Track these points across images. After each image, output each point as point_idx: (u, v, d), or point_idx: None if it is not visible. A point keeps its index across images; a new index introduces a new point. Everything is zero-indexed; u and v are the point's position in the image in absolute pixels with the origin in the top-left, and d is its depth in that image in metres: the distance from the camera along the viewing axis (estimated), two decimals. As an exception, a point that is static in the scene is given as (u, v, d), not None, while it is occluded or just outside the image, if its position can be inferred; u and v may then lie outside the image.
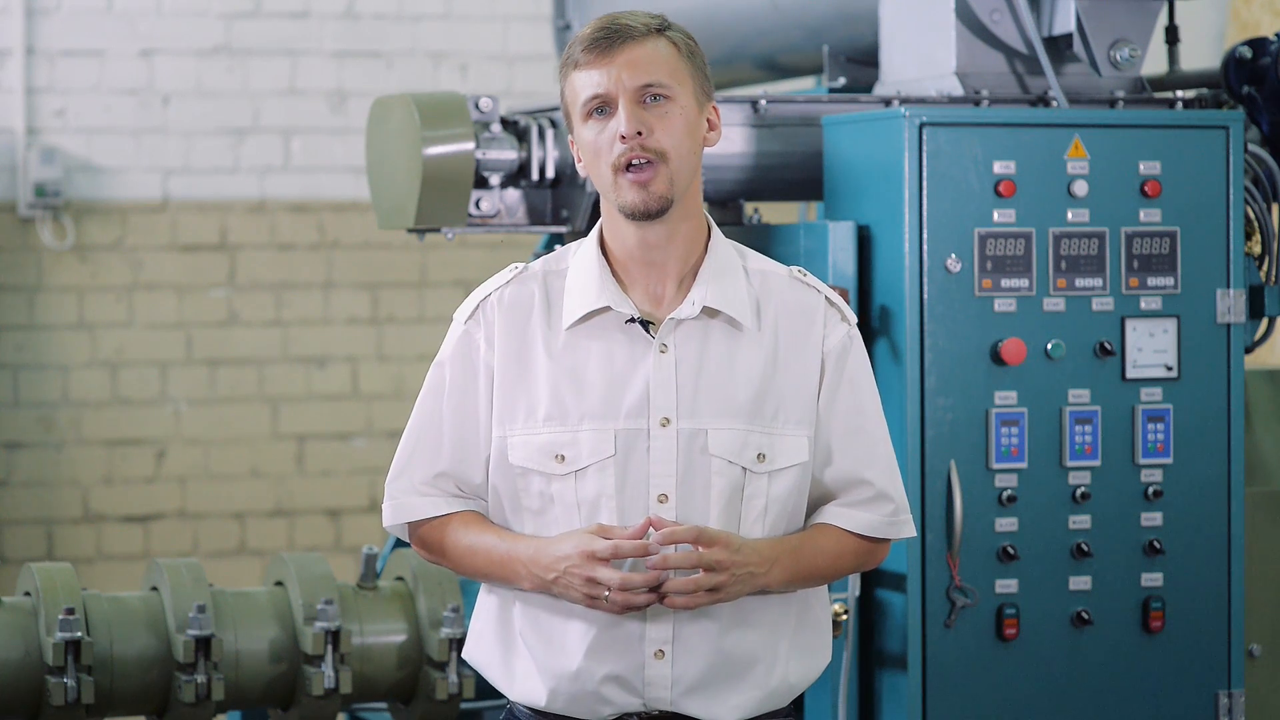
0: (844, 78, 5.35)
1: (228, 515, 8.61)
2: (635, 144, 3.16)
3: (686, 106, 3.21)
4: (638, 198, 3.18)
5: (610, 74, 3.18)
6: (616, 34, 3.19)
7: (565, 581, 3.15)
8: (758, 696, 3.25)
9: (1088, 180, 4.60)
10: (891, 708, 4.59)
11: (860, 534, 3.28)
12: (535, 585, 3.20)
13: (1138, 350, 4.64)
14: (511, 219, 5.08)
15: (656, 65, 3.19)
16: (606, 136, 3.18)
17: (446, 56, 8.85)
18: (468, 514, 3.29)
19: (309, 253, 8.70)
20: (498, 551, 3.23)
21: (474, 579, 3.33)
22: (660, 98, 3.19)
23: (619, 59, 3.19)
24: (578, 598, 3.15)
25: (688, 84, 3.22)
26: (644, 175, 3.17)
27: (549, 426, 3.22)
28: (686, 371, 3.22)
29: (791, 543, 3.23)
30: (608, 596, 3.13)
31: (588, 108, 3.20)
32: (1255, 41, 5.01)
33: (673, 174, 3.19)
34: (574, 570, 3.14)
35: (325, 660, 4.86)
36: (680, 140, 3.19)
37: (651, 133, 3.17)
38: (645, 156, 3.17)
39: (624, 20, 3.21)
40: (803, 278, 3.32)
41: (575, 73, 3.22)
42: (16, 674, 4.75)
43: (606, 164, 3.19)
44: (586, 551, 3.13)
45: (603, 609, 3.14)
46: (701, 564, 3.12)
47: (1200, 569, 4.68)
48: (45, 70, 8.40)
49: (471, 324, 3.29)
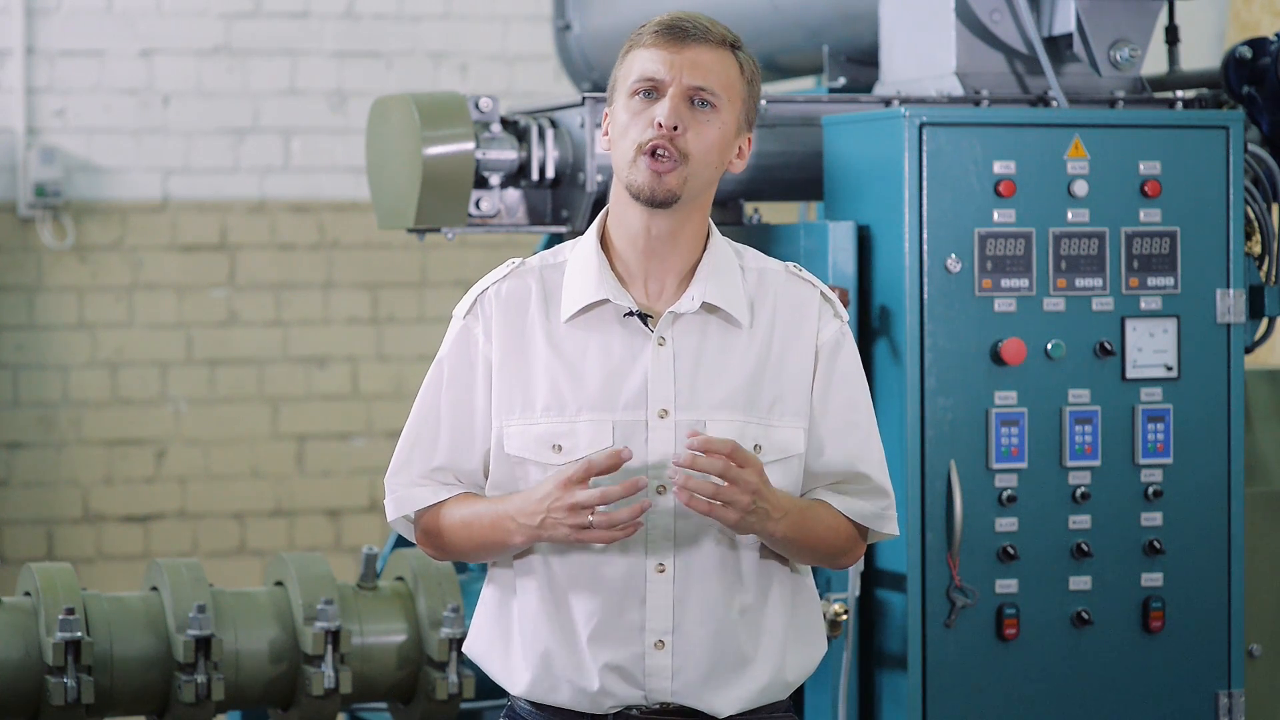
0: (844, 78, 5.35)
1: (228, 515, 8.61)
2: (667, 136, 3.18)
3: (727, 123, 3.23)
4: (648, 181, 3.20)
5: (672, 63, 3.20)
6: (693, 30, 3.22)
7: (551, 520, 3.16)
8: (757, 689, 3.26)
9: (1088, 180, 4.60)
10: (891, 708, 4.59)
11: (853, 520, 3.30)
12: (527, 537, 3.20)
13: (1138, 350, 4.64)
14: (511, 219, 5.09)
15: (717, 74, 3.22)
16: (643, 118, 3.20)
17: (446, 56, 8.85)
18: (460, 495, 3.31)
19: (309, 253, 8.70)
20: (488, 515, 3.25)
21: (474, 556, 3.33)
22: (707, 104, 3.21)
23: (686, 53, 3.21)
24: (565, 533, 3.15)
25: (737, 105, 3.25)
26: (663, 166, 3.19)
27: (547, 417, 3.23)
28: (684, 364, 3.23)
29: (802, 502, 3.26)
30: (592, 521, 3.13)
31: (637, 87, 3.22)
32: (1255, 41, 5.01)
33: (689, 175, 3.20)
34: (555, 505, 3.15)
35: (325, 660, 4.86)
36: (708, 150, 3.22)
37: (685, 132, 3.19)
38: (670, 150, 3.18)
39: (703, 21, 3.23)
40: (798, 272, 3.34)
41: (639, 50, 3.24)
42: (16, 674, 4.75)
43: (633, 142, 3.21)
44: (561, 481, 3.14)
45: (591, 538, 3.14)
46: (728, 476, 3.12)
47: (1200, 569, 4.68)
48: (45, 70, 8.40)
49: (470, 319, 3.30)
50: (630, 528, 3.14)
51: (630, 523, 3.13)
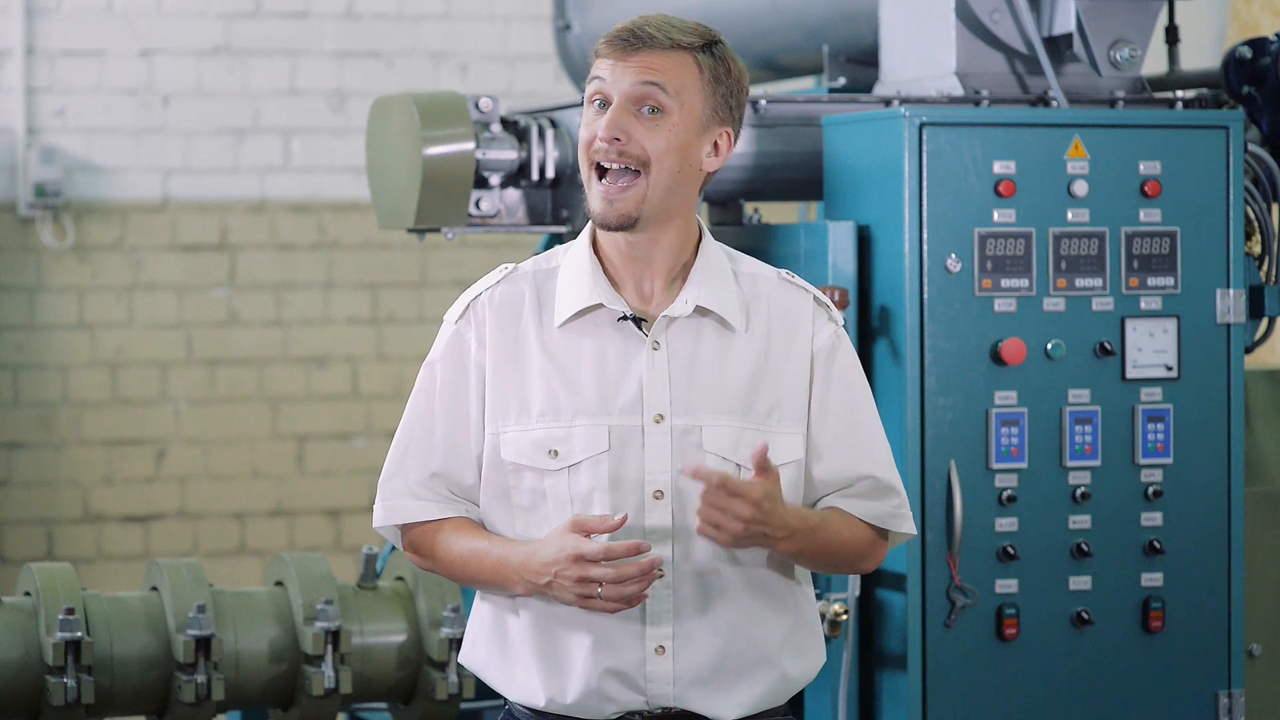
0: (844, 78, 5.35)
1: (228, 515, 8.61)
2: (613, 149, 3.17)
3: (681, 125, 3.19)
4: (600, 208, 3.20)
5: (616, 73, 3.19)
6: (639, 38, 3.19)
7: (558, 584, 3.15)
8: (759, 692, 3.26)
9: (1088, 180, 4.60)
10: (891, 708, 4.59)
11: (868, 523, 3.29)
12: (529, 590, 3.20)
13: (1138, 350, 4.64)
14: (511, 219, 5.09)
15: (666, 77, 3.18)
16: (590, 131, 3.20)
17: (446, 56, 8.85)
18: (459, 521, 3.29)
19: (309, 253, 8.71)
20: (489, 559, 3.23)
21: (465, 586, 3.33)
22: (655, 110, 3.19)
23: (630, 61, 3.19)
24: (571, 599, 3.15)
25: (693, 105, 3.20)
26: (613, 188, 3.18)
27: (542, 422, 3.22)
28: (679, 369, 3.22)
29: (814, 519, 3.23)
30: (600, 594, 3.12)
31: (590, 97, 3.22)
32: (1255, 41, 5.01)
33: (649, 188, 3.18)
34: (564, 574, 3.13)
35: (325, 660, 4.86)
36: (663, 154, 3.18)
37: (630, 139, 3.17)
38: (622, 163, 3.17)
39: (651, 27, 3.20)
40: (790, 279, 3.33)
41: (595, 59, 3.23)
42: (16, 674, 4.75)
43: (585, 158, 3.21)
44: (574, 555, 3.12)
45: (597, 608, 3.14)
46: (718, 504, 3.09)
47: (1200, 569, 4.68)
48: (45, 70, 8.40)
49: (462, 324, 3.29)
50: (638, 599, 3.14)
51: (638, 596, 3.12)
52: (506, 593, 3.25)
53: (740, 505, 3.10)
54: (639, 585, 3.12)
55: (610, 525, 3.13)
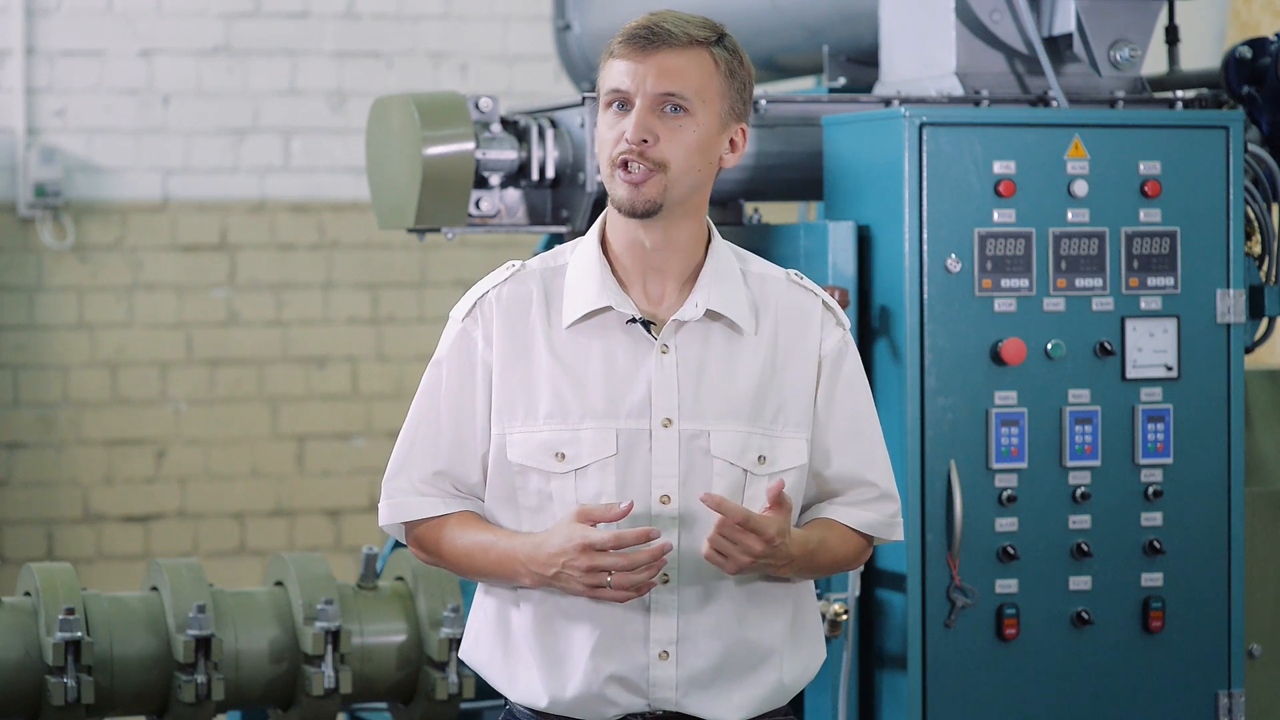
0: (844, 78, 5.35)
1: (228, 515, 8.61)
2: (637, 150, 3.16)
3: (704, 124, 3.19)
4: (626, 195, 3.18)
5: (637, 73, 3.17)
6: (656, 36, 3.17)
7: (566, 575, 3.14)
8: (760, 695, 3.26)
9: (1088, 180, 4.60)
10: (891, 708, 4.59)
11: (861, 532, 3.29)
12: (536, 582, 3.19)
13: (1138, 350, 4.64)
14: (511, 219, 5.09)
15: (685, 77, 3.17)
16: (615, 132, 3.18)
17: (446, 56, 8.85)
18: (464, 514, 3.28)
19: (309, 253, 8.70)
20: (495, 551, 3.22)
21: (472, 579, 3.32)
22: (679, 109, 3.18)
23: (650, 61, 3.17)
24: (580, 589, 3.14)
25: (715, 103, 3.20)
26: (636, 178, 3.17)
27: (550, 424, 3.21)
28: (688, 373, 3.21)
29: (812, 545, 3.23)
30: (609, 583, 3.12)
31: (609, 99, 3.20)
32: (1255, 41, 5.01)
33: (669, 183, 3.18)
34: (573, 564, 3.13)
35: (325, 660, 4.86)
36: (685, 155, 3.18)
37: (657, 142, 3.17)
38: (642, 163, 3.17)
39: (668, 24, 3.18)
40: (799, 280, 3.32)
41: (610, 60, 3.21)
42: (16, 674, 4.75)
43: (607, 156, 3.19)
44: (582, 544, 3.11)
45: (606, 597, 3.13)
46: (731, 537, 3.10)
47: (1200, 569, 4.68)
48: (45, 70, 8.40)
49: (469, 322, 3.28)
50: (645, 588, 3.13)
51: (645, 583, 3.12)
52: (513, 585, 3.24)
53: (753, 541, 3.11)
54: (648, 572, 3.11)
55: (616, 514, 3.12)
